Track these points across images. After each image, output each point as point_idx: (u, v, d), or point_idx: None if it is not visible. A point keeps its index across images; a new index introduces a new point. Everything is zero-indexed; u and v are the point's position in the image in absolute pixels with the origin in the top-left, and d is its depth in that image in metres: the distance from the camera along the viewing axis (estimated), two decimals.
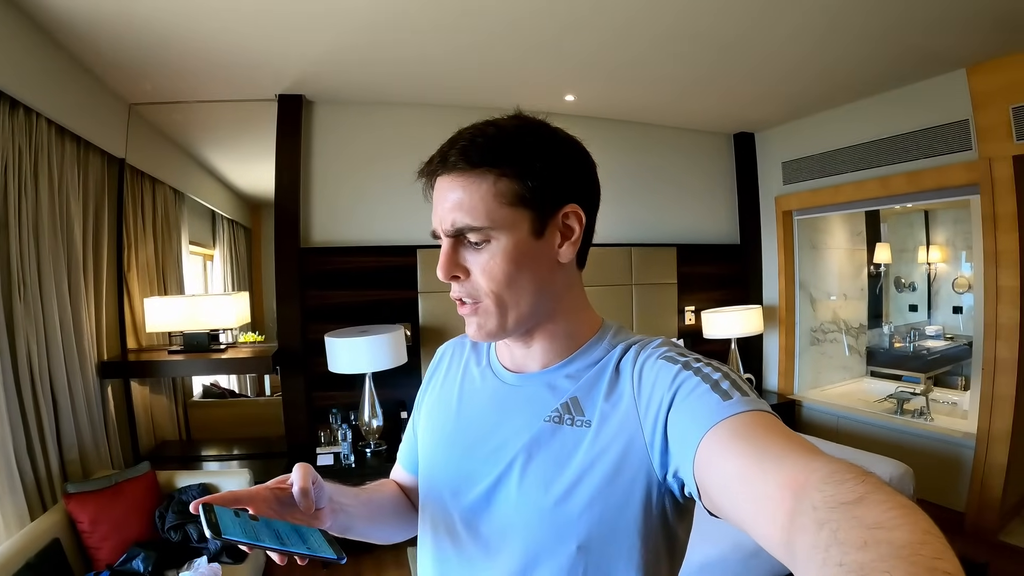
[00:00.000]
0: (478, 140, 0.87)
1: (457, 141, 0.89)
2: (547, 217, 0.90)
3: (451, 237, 0.90)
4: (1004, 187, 3.81)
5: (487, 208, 0.86)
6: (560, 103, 4.55)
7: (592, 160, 0.98)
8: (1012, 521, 4.10)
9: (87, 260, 3.52)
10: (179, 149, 4.59)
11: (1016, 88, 3.68)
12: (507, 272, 0.88)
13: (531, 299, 0.92)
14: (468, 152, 0.87)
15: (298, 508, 0.88)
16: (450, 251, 0.90)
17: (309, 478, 0.88)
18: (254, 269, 4.92)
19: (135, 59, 3.35)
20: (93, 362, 3.51)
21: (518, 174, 0.87)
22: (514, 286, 0.90)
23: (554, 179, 0.90)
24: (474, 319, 0.94)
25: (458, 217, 0.87)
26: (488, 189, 0.87)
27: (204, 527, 0.72)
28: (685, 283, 5.38)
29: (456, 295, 0.94)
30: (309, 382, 4.21)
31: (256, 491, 0.86)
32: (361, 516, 1.05)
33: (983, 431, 4.01)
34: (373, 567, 3.84)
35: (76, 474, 3.20)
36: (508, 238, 0.88)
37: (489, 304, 0.91)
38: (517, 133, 0.90)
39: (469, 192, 0.87)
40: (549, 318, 0.97)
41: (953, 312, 6.69)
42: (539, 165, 0.88)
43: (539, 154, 0.89)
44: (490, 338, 0.95)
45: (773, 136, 5.57)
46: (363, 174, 4.39)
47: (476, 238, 0.88)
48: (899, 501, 0.50)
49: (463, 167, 0.87)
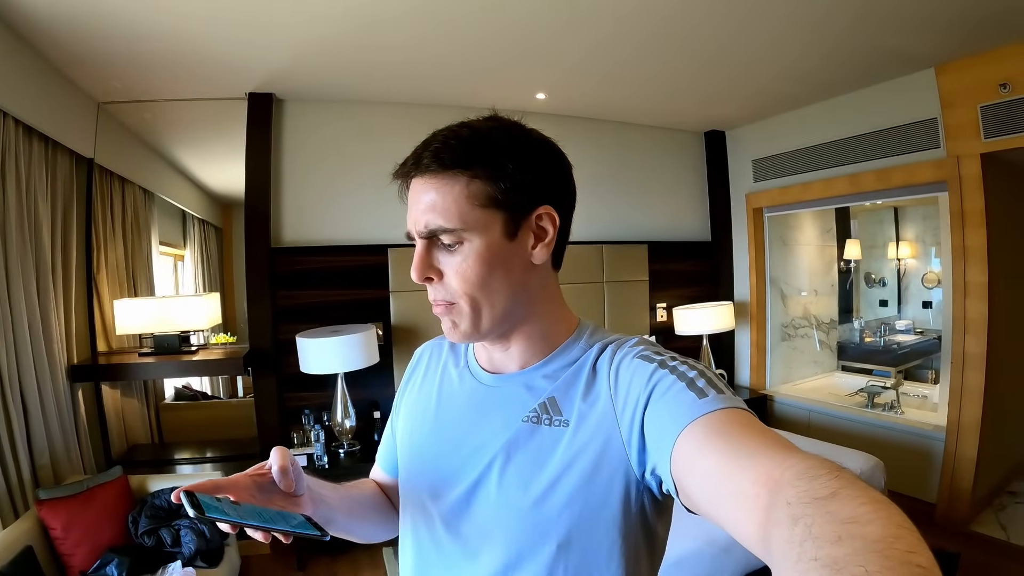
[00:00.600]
0: (451, 142, 0.88)
1: (431, 143, 0.89)
2: (520, 219, 0.91)
3: (424, 239, 0.90)
4: (972, 184, 3.88)
5: (460, 210, 0.87)
6: (531, 101, 4.56)
7: (567, 161, 0.99)
8: (983, 511, 4.18)
9: (56, 262, 3.46)
10: (149, 148, 4.53)
11: (984, 87, 3.74)
12: (480, 274, 0.89)
13: (505, 301, 0.92)
14: (440, 154, 0.87)
15: (279, 494, 0.88)
16: (423, 253, 0.91)
17: (287, 458, 0.88)
18: (225, 269, 4.87)
19: (104, 57, 3.31)
20: (63, 365, 3.45)
21: (490, 176, 0.87)
22: (487, 288, 0.90)
23: (527, 181, 0.90)
24: (448, 319, 0.94)
25: (431, 219, 0.87)
26: (461, 191, 0.87)
27: (187, 509, 0.72)
28: (657, 280, 5.41)
29: (432, 297, 0.94)
30: (281, 383, 4.18)
31: (236, 478, 0.86)
32: (342, 510, 1.05)
33: (953, 424, 4.08)
34: (349, 567, 3.82)
35: (48, 480, 3.16)
36: (481, 240, 0.88)
37: (463, 305, 0.91)
38: (490, 135, 0.90)
39: (442, 194, 0.87)
40: (525, 319, 0.97)
41: (923, 307, 6.78)
42: (511, 167, 0.88)
43: (511, 156, 0.89)
44: (465, 339, 0.96)
45: (744, 134, 5.63)
46: (334, 173, 4.36)
47: (449, 240, 0.88)
48: (872, 496, 0.51)
49: (436, 169, 0.87)
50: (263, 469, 0.90)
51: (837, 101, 4.71)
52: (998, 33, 3.45)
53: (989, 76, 3.70)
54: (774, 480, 0.58)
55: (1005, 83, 3.61)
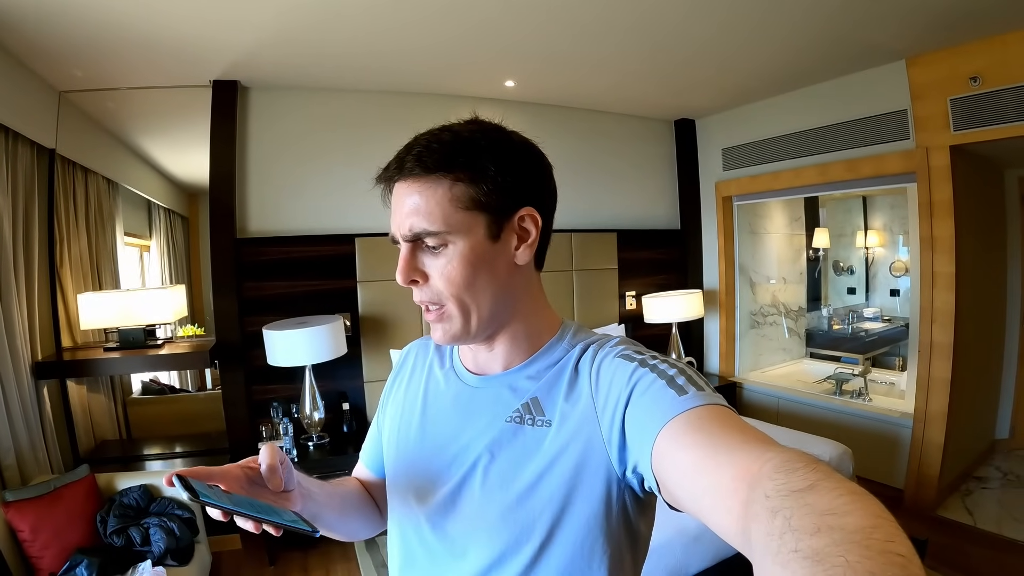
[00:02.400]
0: (434, 146, 0.89)
1: (413, 147, 0.90)
2: (503, 220, 0.92)
3: (409, 242, 0.91)
4: (940, 176, 3.93)
5: (443, 212, 0.88)
6: (500, 89, 4.55)
7: (548, 163, 1.01)
8: (950, 497, 4.27)
9: (17, 256, 3.37)
10: (112, 137, 4.43)
11: (954, 80, 3.77)
12: (465, 275, 0.90)
13: (491, 301, 0.94)
14: (423, 158, 0.88)
15: (268, 488, 0.88)
16: (408, 256, 0.92)
17: (277, 456, 0.88)
18: (192, 259, 4.80)
19: (64, 44, 3.22)
20: (27, 363, 3.37)
21: (472, 178, 0.89)
22: (472, 289, 0.91)
23: (509, 183, 0.91)
24: (439, 325, 0.95)
25: (415, 222, 0.89)
26: (444, 194, 0.88)
27: (181, 491, 0.73)
28: (626, 268, 5.43)
29: (418, 300, 0.95)
30: (248, 376, 4.14)
31: (227, 469, 0.86)
32: (330, 507, 1.06)
33: (920, 411, 4.15)
34: (321, 561, 3.82)
35: (14, 480, 3.10)
36: (465, 241, 0.89)
37: (452, 308, 0.92)
38: (472, 138, 0.91)
39: (425, 197, 0.88)
40: (510, 320, 0.99)
41: (890, 295, 6.89)
42: (493, 169, 0.90)
43: (493, 158, 0.90)
44: (455, 341, 0.97)
45: (714, 123, 5.65)
46: (300, 162, 4.31)
47: (433, 242, 0.89)
48: (850, 488, 0.51)
49: (419, 173, 0.88)
50: (254, 463, 0.89)
51: (808, 91, 4.74)
52: (970, 27, 3.48)
53: (960, 69, 3.74)
54: (752, 474, 0.59)
55: (975, 76, 3.65)
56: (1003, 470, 4.68)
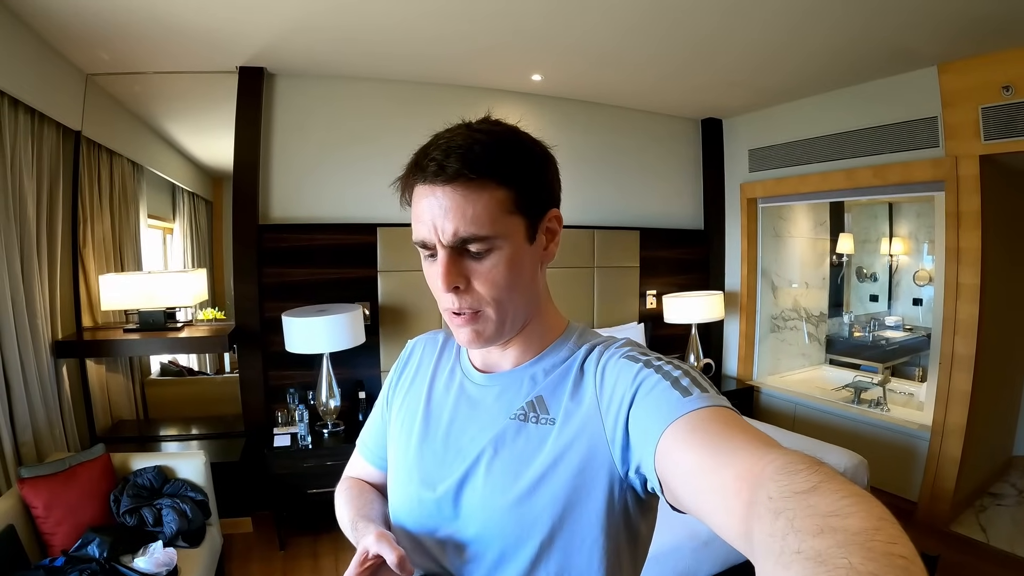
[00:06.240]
0: (476, 149, 0.85)
1: (451, 149, 0.85)
2: (537, 222, 0.93)
3: (453, 247, 0.88)
4: (969, 186, 3.85)
5: (491, 217, 0.86)
6: (526, 82, 4.51)
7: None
8: (963, 512, 4.20)
9: (41, 236, 3.41)
10: (138, 121, 4.46)
11: (987, 88, 3.70)
12: (508, 279, 0.90)
13: (524, 303, 0.95)
14: (468, 160, 0.84)
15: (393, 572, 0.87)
16: (451, 261, 0.88)
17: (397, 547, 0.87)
18: (215, 243, 4.83)
19: (92, 28, 3.24)
20: (47, 341, 3.41)
21: (514, 182, 0.88)
22: (512, 291, 0.91)
23: (541, 185, 0.93)
24: (471, 328, 0.93)
25: (462, 227, 0.85)
26: (490, 198, 0.86)
27: None
28: (647, 267, 5.40)
29: (455, 306, 0.91)
30: (266, 361, 4.17)
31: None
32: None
33: (938, 424, 4.09)
34: (330, 545, 3.84)
35: (30, 456, 3.13)
36: (509, 246, 0.89)
37: (490, 312, 0.91)
38: (509, 140, 0.91)
39: (472, 201, 0.85)
40: (531, 320, 0.99)
41: (913, 304, 6.79)
42: (530, 172, 0.91)
43: (529, 161, 0.91)
44: (487, 344, 0.96)
45: (741, 123, 5.59)
46: (324, 150, 4.32)
47: (479, 248, 0.87)
48: (852, 490, 0.51)
49: (466, 176, 0.84)
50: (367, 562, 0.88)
51: (837, 94, 4.67)
52: (1004, 35, 3.41)
53: (992, 78, 3.66)
54: (755, 475, 0.60)
55: (1008, 86, 3.57)
56: (1019, 487, 4.60)
